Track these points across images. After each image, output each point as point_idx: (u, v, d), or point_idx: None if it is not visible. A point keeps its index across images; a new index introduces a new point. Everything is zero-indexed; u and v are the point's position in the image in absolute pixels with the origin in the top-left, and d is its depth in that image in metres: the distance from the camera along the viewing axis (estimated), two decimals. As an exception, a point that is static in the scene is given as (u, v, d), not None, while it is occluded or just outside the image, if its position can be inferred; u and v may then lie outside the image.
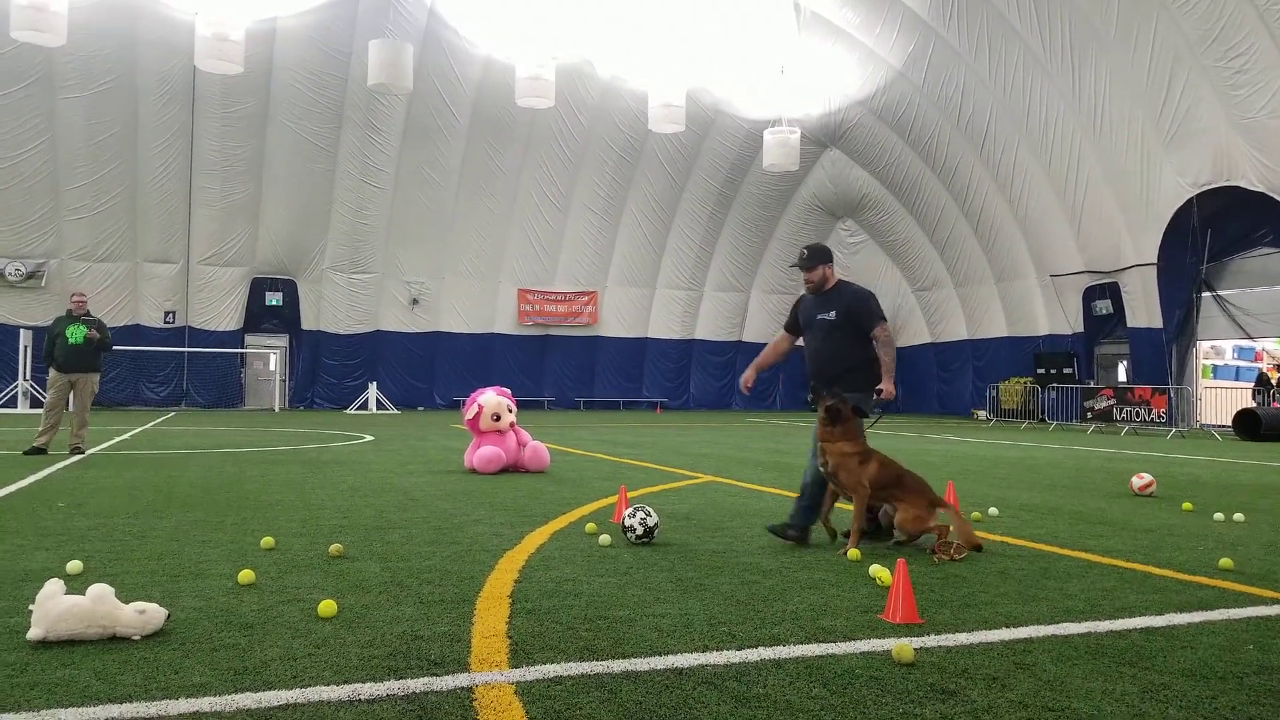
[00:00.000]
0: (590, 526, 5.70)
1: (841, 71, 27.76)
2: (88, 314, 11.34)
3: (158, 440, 13.51)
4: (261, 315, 28.62)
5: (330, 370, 29.16)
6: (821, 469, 5.30)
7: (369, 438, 14.77)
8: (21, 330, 24.64)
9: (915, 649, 3.17)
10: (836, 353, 5.58)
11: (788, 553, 5.11)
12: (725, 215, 33.06)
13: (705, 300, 34.31)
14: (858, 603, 3.95)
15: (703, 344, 34.45)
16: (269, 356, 29.02)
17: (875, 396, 5.49)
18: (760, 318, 34.69)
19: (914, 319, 33.31)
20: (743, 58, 28.16)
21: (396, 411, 27.09)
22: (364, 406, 27.38)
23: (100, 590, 3.27)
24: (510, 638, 3.36)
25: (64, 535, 5.31)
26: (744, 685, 2.85)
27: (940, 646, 3.31)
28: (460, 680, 2.89)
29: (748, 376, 6.07)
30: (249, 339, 28.71)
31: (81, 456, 10.50)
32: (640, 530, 5.24)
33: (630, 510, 5.35)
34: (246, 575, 4.14)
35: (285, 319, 28.90)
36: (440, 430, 17.49)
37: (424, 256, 29.54)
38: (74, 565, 4.26)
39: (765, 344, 6.55)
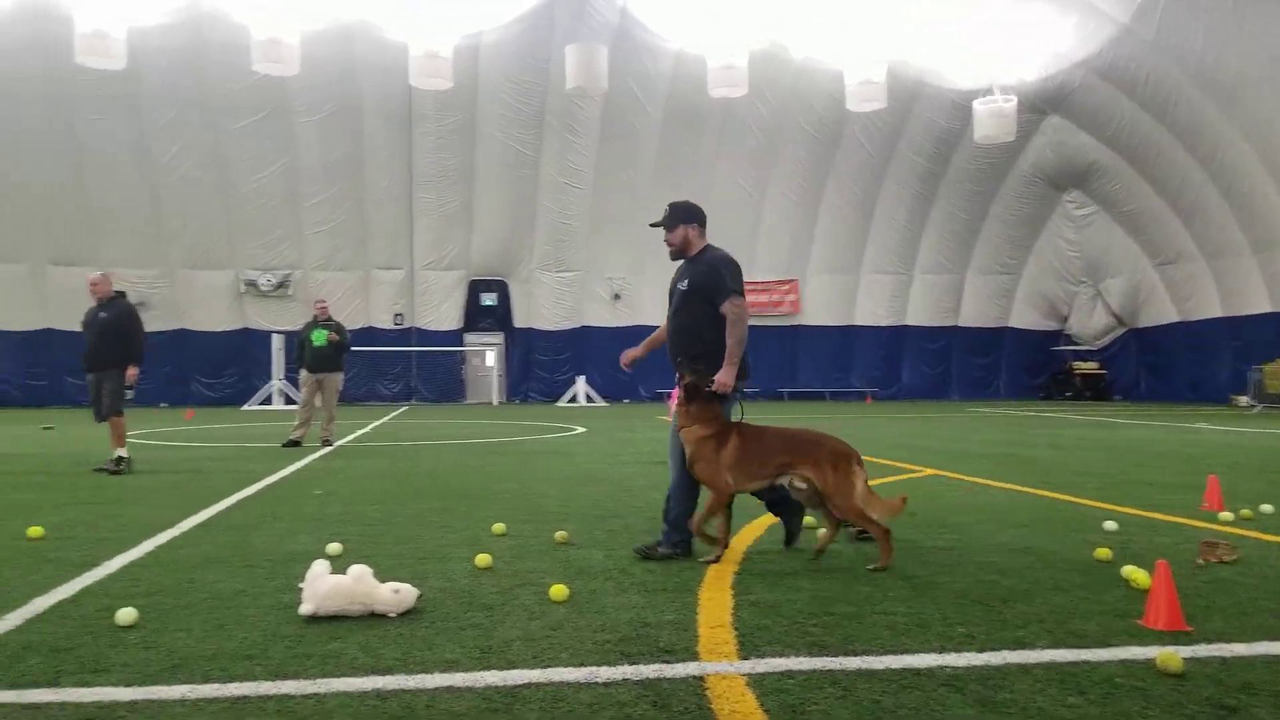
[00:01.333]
0: (809, 519, 5.62)
1: (1058, 31, 25.78)
2: (330, 319, 12.48)
3: (394, 433, 14.65)
4: (478, 315, 30.40)
5: (541, 365, 30.54)
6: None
7: (581, 430, 15.33)
8: (273, 335, 27.48)
9: (1184, 659, 2.89)
10: (689, 329, 4.82)
11: (1026, 551, 4.82)
12: (934, 193, 31.61)
13: (915, 284, 32.97)
14: (1110, 606, 3.66)
15: (914, 330, 33.12)
16: (486, 353, 30.79)
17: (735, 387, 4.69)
18: (977, 301, 32.90)
19: (1157, 295, 30.41)
20: (947, 25, 26.79)
21: (604, 404, 27.96)
22: (573, 400, 28.45)
23: (360, 570, 3.58)
24: (736, 629, 3.37)
25: (321, 520, 5.86)
26: (989, 689, 2.71)
27: (1214, 657, 3.01)
28: (690, 669, 2.93)
29: (631, 354, 5.37)
30: (468, 338, 30.58)
31: (330, 449, 11.56)
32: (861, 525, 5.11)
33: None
34: (483, 559, 4.40)
35: (499, 317, 30.54)
36: (646, 422, 17.87)
37: (624, 252, 30.27)
38: (334, 547, 4.70)
39: (981, 329, 5.99)
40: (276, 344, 26.97)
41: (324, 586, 3.51)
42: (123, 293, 9.52)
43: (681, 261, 5.01)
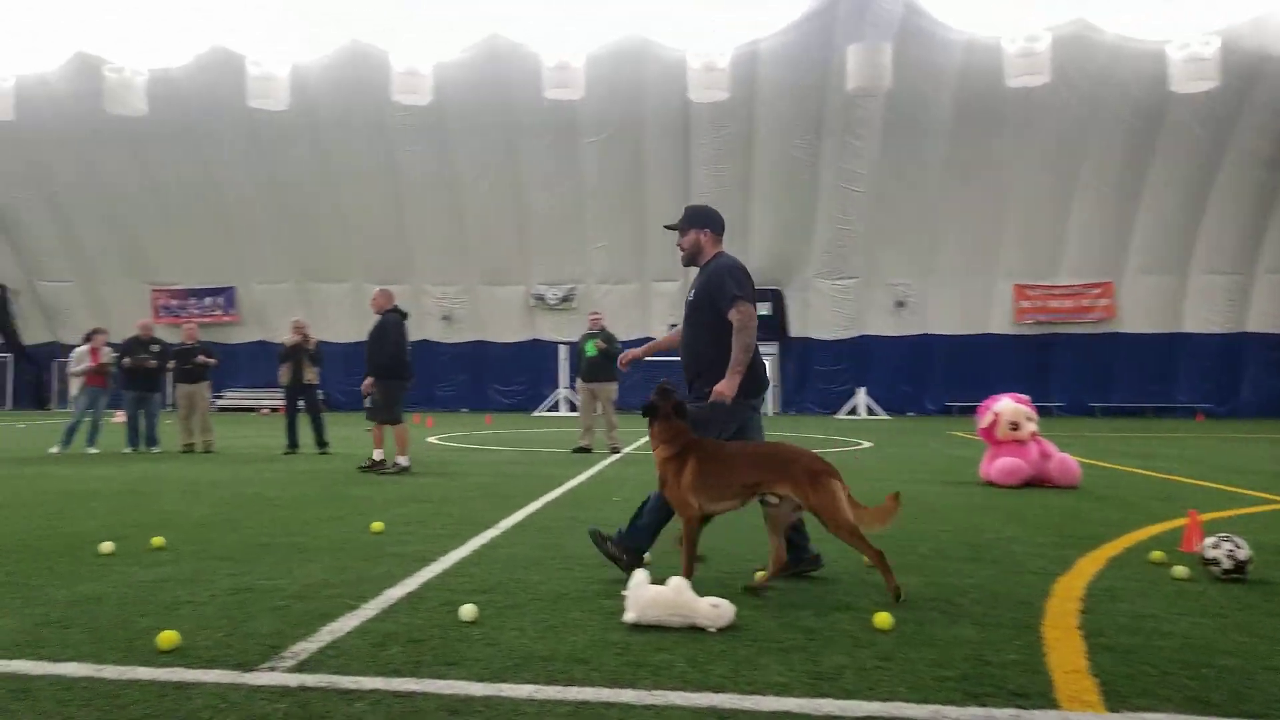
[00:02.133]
0: (1156, 554, 5.01)
1: None
2: (603, 329, 13.12)
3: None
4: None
5: (819, 376, 30.16)
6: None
7: (867, 444, 14.88)
8: (559, 346, 29.33)
9: None
10: (689, 344, 4.61)
11: None
12: (1280, 181, 27.62)
13: (1257, 285, 28.95)
14: None
15: (1257, 338, 29.08)
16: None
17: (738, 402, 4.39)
18: (1340, 303, 28.34)
19: None
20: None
21: (886, 417, 27.05)
22: (853, 412, 27.79)
23: (679, 582, 3.62)
24: (1096, 676, 3.03)
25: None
26: None
27: None
28: (1050, 717, 2.66)
29: (631, 354, 5.08)
30: (743, 348, 30.85)
31: (619, 455, 12.06)
32: (1228, 564, 4.47)
33: (1212, 540, 4.59)
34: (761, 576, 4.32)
35: (774, 327, 30.54)
36: (938, 437, 17.01)
37: (907, 257, 29.18)
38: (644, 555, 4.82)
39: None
40: (562, 354, 28.74)
41: (646, 596, 3.59)
42: (396, 308, 10.15)
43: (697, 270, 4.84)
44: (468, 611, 3.63)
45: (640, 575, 3.69)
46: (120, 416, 14.30)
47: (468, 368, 31.40)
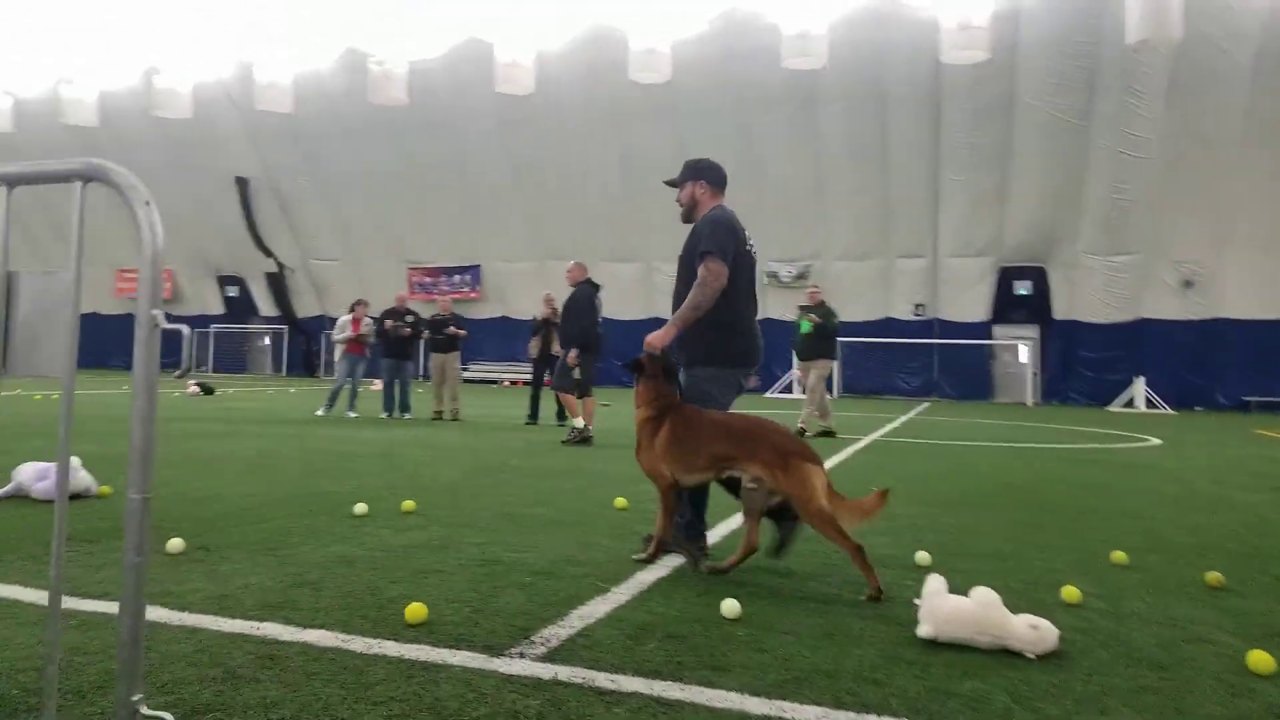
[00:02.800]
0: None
1: None
2: (821, 304, 12.36)
3: (925, 430, 14.03)
4: (1009, 305, 28.37)
5: (1087, 363, 27.48)
6: None
7: (1155, 440, 13.18)
8: (791, 324, 28.60)
9: None
10: (681, 299, 4.30)
11: None
12: None
13: None
14: None
15: None
16: (1019, 348, 28.63)
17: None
18: None
19: None
20: None
21: (1170, 411, 24.20)
22: (1129, 404, 25.11)
23: (987, 596, 3.02)
24: None
25: (891, 520, 5.45)
26: None
27: None
28: None
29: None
30: (997, 330, 28.73)
31: (831, 439, 11.34)
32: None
33: None
34: (1071, 594, 3.58)
35: (1034, 308, 28.17)
36: (1240, 436, 14.84)
37: (1196, 231, 25.85)
38: (922, 556, 4.23)
39: None
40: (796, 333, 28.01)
41: (945, 608, 3.02)
42: (589, 281, 10.34)
43: None
44: (730, 608, 3.22)
45: (936, 582, 3.13)
46: (377, 384, 15.24)
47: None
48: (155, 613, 3.08)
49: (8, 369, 1.47)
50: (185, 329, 1.24)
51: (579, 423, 10.13)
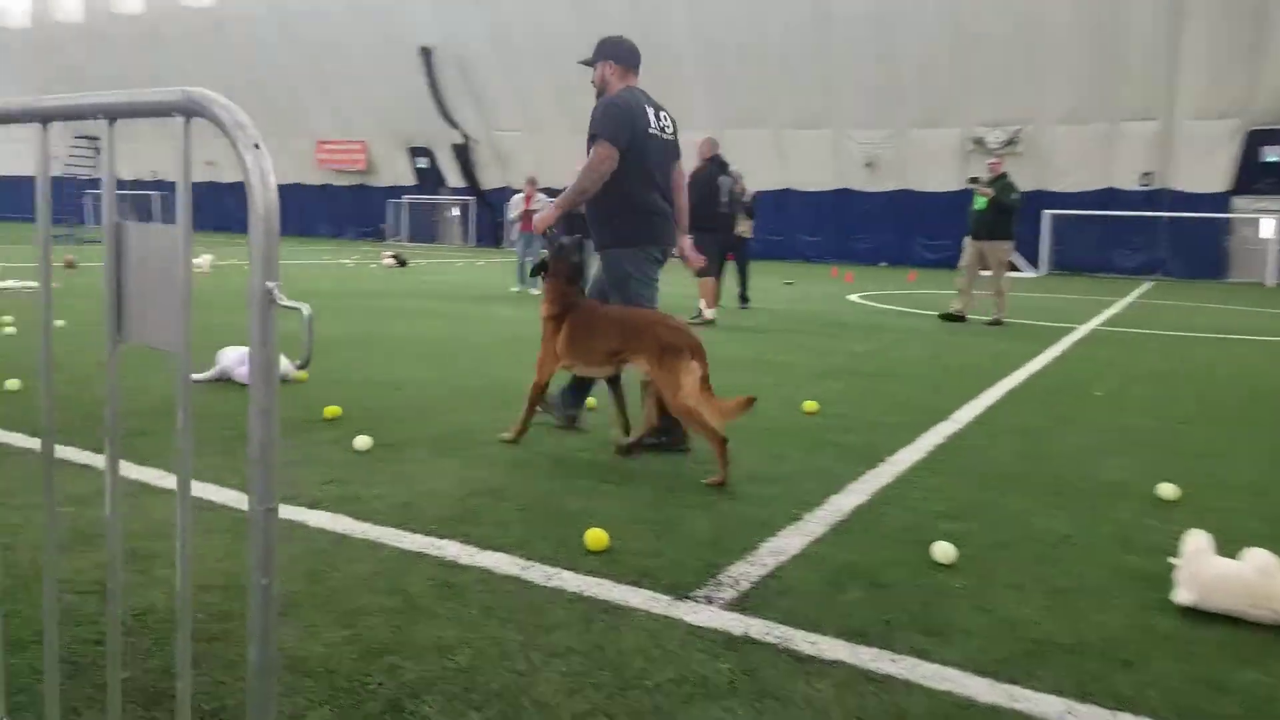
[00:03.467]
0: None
1: None
2: (1001, 177, 11.02)
3: (1150, 317, 12.74)
4: (1256, 174, 25.15)
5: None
6: None
7: None
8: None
9: None
10: None
11: None
12: None
13: None
14: None
15: None
16: (1262, 222, 25.51)
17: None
18: None
19: None
20: None
21: None
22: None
23: (1267, 560, 2.53)
24: None
25: (1124, 437, 4.86)
26: None
27: None
28: None
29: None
30: (1237, 202, 25.64)
31: (1001, 327, 10.40)
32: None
33: None
34: None
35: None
36: None
37: None
38: (1166, 488, 3.68)
39: None
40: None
41: (1210, 572, 2.56)
42: (715, 157, 10.14)
43: None
44: (943, 551, 2.87)
45: (1201, 540, 2.65)
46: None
47: (891, 219, 29.81)
48: (341, 523, 3.07)
49: (124, 336, 1.28)
50: (305, 310, 0.97)
51: (709, 313, 10.01)
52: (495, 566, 2.72)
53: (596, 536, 2.87)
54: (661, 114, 4.50)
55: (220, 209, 39.00)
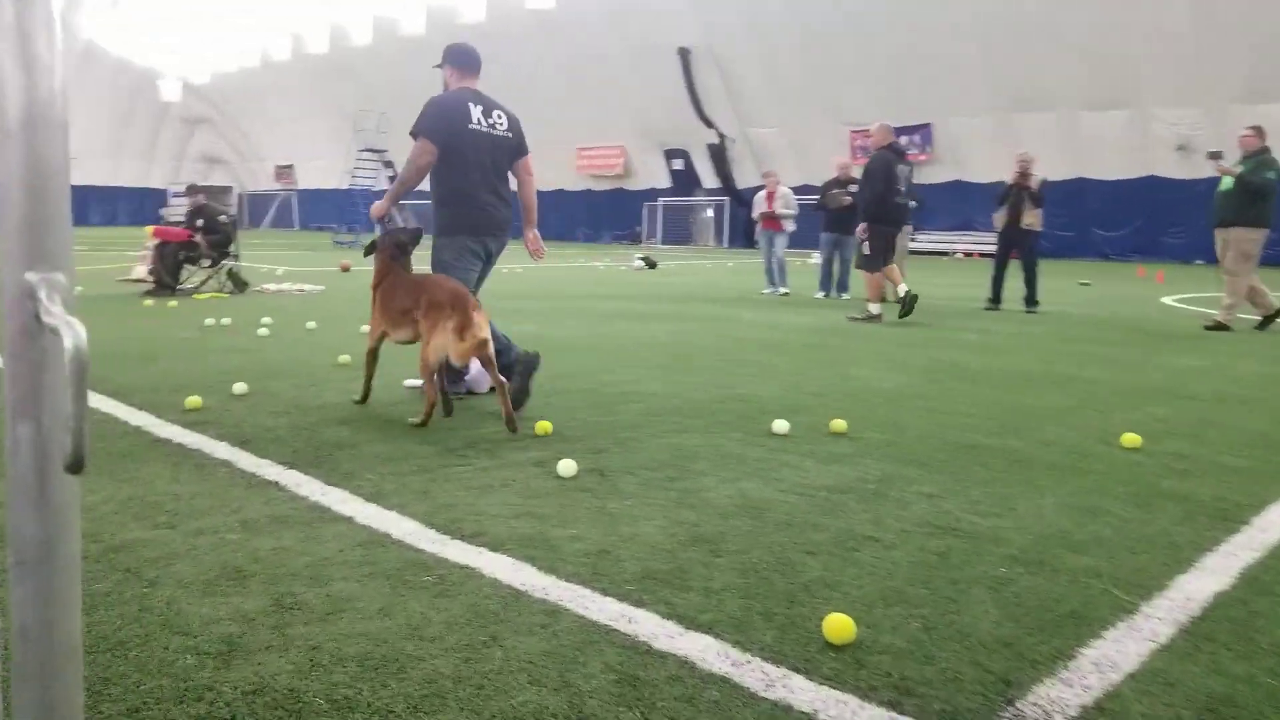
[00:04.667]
0: None
1: None
2: (1258, 151, 8.91)
3: None
4: None
5: None
6: None
7: None
8: None
9: None
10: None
11: None
12: None
13: None
14: None
15: None
16: None
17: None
18: None
19: None
20: None
21: None
22: None
23: None
24: None
25: None
26: None
27: None
28: None
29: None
30: None
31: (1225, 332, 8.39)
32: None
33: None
34: None
35: None
36: None
37: None
38: None
39: None
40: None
41: None
42: (891, 145, 9.69)
43: None
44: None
45: None
46: (816, 258, 14.51)
47: (1207, 210, 26.26)
48: (522, 574, 2.54)
49: None
50: (72, 332, 0.34)
51: (874, 308, 9.47)
52: (699, 657, 2.07)
53: (839, 625, 2.14)
54: (495, 112, 4.82)
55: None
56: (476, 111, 4.73)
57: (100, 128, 48.83)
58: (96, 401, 4.70)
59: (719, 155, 36.45)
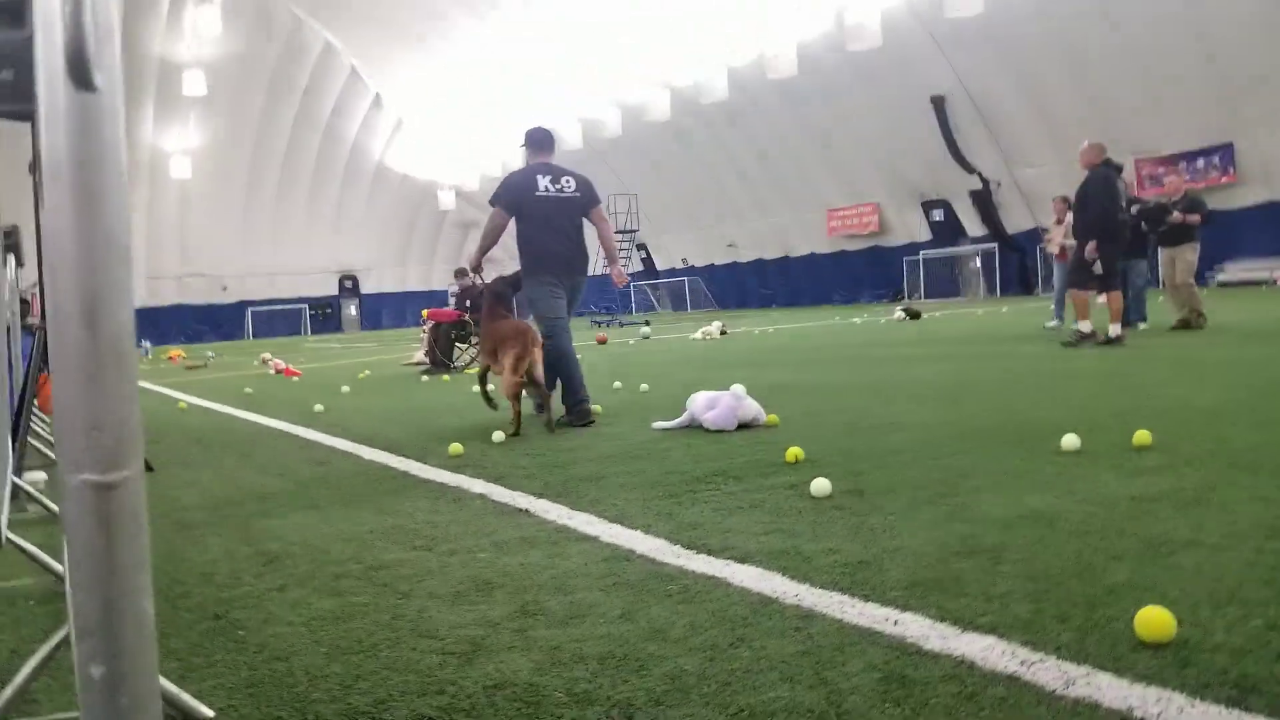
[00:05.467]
0: None
1: None
2: None
3: None
4: None
5: None
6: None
7: None
8: None
9: None
10: None
11: None
12: None
13: None
14: None
15: None
16: None
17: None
18: None
19: None
20: None
21: None
22: None
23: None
24: None
25: None
26: None
27: None
28: None
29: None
30: None
31: None
32: None
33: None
34: None
35: None
36: None
37: None
38: None
39: None
40: None
41: None
42: (1107, 161, 9.33)
43: None
44: None
45: None
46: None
47: None
48: (771, 582, 2.37)
49: None
50: None
51: (1084, 325, 9.31)
52: (980, 657, 1.80)
53: (1157, 620, 1.79)
54: (564, 178, 6.01)
55: (740, 287, 41.85)
56: (545, 180, 5.93)
57: (391, 239, 54.56)
58: (370, 454, 5.04)
59: (984, 201, 34.86)
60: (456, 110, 44.93)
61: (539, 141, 6.23)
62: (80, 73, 0.81)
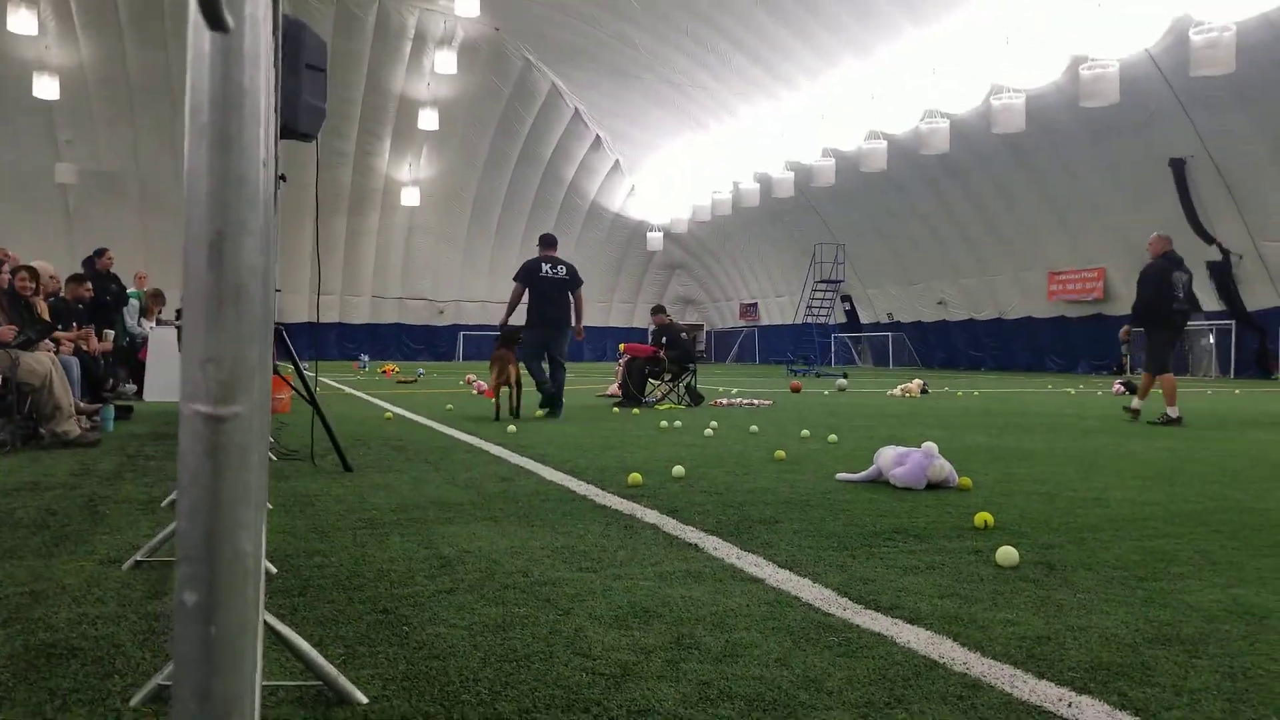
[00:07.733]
0: None
1: None
2: None
3: None
4: None
5: None
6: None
7: None
8: None
9: None
10: None
11: None
12: None
13: None
14: None
15: None
16: None
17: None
18: None
19: None
20: None
21: None
22: None
23: None
24: None
25: None
26: None
27: None
28: None
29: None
30: None
31: None
32: None
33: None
34: None
35: None
36: None
37: None
38: None
39: None
40: None
41: None
42: (1168, 254, 10.01)
43: None
44: None
45: None
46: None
47: None
48: (940, 647, 2.26)
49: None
50: None
51: (1137, 402, 10.30)
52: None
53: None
54: (559, 266, 9.69)
55: (948, 345, 40.47)
56: (546, 266, 9.62)
57: (598, 277, 56.29)
58: (553, 476, 5.18)
59: (1222, 274, 32.09)
60: (672, 153, 45.96)
61: (547, 242, 9.96)
62: (212, 12, 0.84)
